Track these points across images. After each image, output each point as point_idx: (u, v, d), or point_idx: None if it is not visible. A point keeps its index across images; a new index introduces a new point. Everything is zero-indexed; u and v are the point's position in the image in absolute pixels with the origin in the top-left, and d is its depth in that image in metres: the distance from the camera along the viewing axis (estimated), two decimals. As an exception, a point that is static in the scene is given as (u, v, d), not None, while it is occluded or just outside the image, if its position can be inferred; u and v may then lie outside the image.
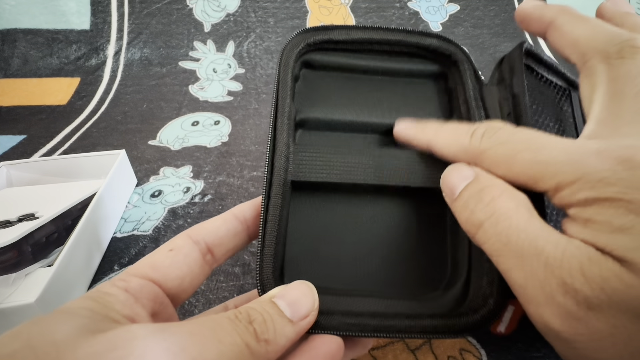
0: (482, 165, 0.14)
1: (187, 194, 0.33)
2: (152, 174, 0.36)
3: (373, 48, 0.22)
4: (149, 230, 0.29)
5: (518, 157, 0.13)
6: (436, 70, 0.22)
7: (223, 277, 0.25)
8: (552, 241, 0.12)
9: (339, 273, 0.17)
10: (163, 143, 0.42)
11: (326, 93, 0.21)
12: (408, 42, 0.22)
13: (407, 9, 0.65)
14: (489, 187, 0.14)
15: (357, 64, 0.22)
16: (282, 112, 0.19)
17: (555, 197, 0.12)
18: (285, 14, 0.62)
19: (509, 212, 0.13)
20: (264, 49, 0.61)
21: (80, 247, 0.24)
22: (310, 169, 0.18)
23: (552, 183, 0.12)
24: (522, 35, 0.65)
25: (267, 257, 0.16)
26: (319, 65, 0.22)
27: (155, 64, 0.58)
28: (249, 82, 0.56)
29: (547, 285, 0.11)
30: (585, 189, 0.11)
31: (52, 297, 0.21)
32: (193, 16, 0.61)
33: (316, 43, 0.21)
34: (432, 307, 0.16)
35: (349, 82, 0.22)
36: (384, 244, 0.18)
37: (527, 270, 0.12)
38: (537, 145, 0.13)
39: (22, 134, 0.44)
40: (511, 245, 0.12)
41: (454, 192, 0.15)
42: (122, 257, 0.27)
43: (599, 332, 0.11)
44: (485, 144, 0.14)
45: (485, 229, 0.13)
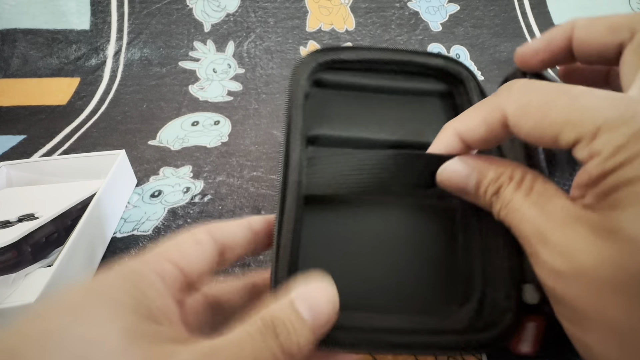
0: (512, 118, 0.14)
1: (187, 194, 0.33)
2: (152, 174, 0.36)
3: (381, 67, 0.23)
4: (148, 230, 0.29)
5: (555, 102, 0.13)
6: (443, 89, 0.23)
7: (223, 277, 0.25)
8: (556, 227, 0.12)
9: (352, 288, 0.17)
10: (163, 143, 0.42)
11: (336, 110, 0.22)
12: (415, 62, 0.22)
13: (407, 9, 0.65)
14: (495, 179, 0.14)
15: (366, 83, 0.23)
16: (295, 128, 0.19)
17: (587, 146, 0.12)
18: (285, 14, 0.62)
19: (514, 203, 0.13)
20: (264, 49, 0.61)
21: (80, 248, 0.24)
22: (323, 182, 0.18)
23: (592, 127, 0.11)
24: (523, 35, 0.66)
25: (282, 265, 0.16)
26: (328, 84, 0.22)
27: (155, 64, 0.58)
28: (248, 82, 0.56)
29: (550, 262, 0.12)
30: (627, 135, 0.11)
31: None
32: (193, 16, 0.61)
33: (327, 62, 0.22)
34: (449, 323, 0.16)
35: (357, 100, 0.23)
36: (396, 258, 0.18)
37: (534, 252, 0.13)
38: (576, 91, 0.12)
39: (22, 134, 0.44)
40: (517, 231, 0.13)
41: (467, 192, 0.16)
42: (122, 257, 0.27)
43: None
44: (517, 93, 0.14)
45: (500, 216, 0.14)
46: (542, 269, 0.12)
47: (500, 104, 0.14)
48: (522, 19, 0.67)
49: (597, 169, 0.11)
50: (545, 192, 0.13)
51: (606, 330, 0.11)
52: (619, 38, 0.14)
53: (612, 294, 0.11)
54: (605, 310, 0.11)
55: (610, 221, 0.11)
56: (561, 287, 0.12)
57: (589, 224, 0.12)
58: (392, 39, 0.63)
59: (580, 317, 0.12)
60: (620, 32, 0.14)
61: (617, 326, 0.11)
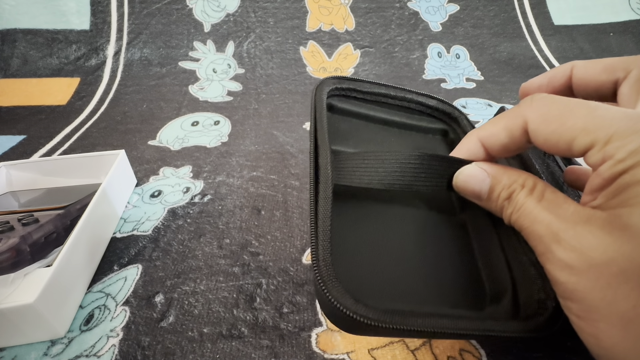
0: (532, 125, 0.15)
1: (187, 194, 0.33)
2: (151, 174, 0.36)
3: (386, 101, 0.26)
4: (148, 230, 0.29)
5: (574, 112, 0.14)
6: (439, 127, 0.26)
7: (222, 277, 0.25)
8: (566, 226, 0.13)
9: (384, 285, 0.17)
10: (163, 143, 0.42)
11: (347, 133, 0.24)
12: (416, 100, 0.26)
13: (407, 9, 0.65)
14: (509, 185, 0.16)
15: (374, 114, 0.26)
16: (322, 131, 0.20)
17: (600, 151, 0.13)
18: (285, 14, 0.62)
19: (526, 207, 0.15)
20: (264, 49, 0.61)
21: (80, 248, 0.24)
22: (351, 175, 0.19)
23: (606, 134, 0.13)
24: (522, 35, 0.66)
25: (323, 247, 0.16)
26: (338, 110, 0.25)
27: (155, 64, 0.58)
28: (248, 82, 0.56)
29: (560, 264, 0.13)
30: (638, 142, 0.12)
31: (52, 297, 0.21)
32: (193, 16, 0.61)
33: (342, 89, 0.25)
34: (490, 315, 0.16)
35: (365, 127, 0.25)
36: (419, 259, 0.19)
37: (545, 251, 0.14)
38: (592, 105, 0.14)
39: (22, 134, 0.44)
40: (529, 232, 0.14)
41: (480, 197, 0.17)
42: (122, 257, 0.27)
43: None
44: (538, 103, 0.15)
45: (511, 219, 0.15)
46: (555, 266, 0.13)
47: (522, 112, 0.16)
48: (522, 19, 0.67)
49: (609, 171, 0.13)
50: (556, 199, 0.14)
51: (616, 320, 0.12)
52: (614, 77, 0.16)
53: (622, 286, 0.12)
54: (615, 301, 0.12)
55: (620, 218, 0.12)
56: (574, 281, 0.13)
57: (599, 222, 0.13)
58: (391, 39, 0.63)
59: (590, 310, 0.13)
60: (615, 71, 0.17)
61: (626, 315, 0.12)
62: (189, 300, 0.24)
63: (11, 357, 0.21)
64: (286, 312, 0.23)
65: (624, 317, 0.12)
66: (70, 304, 0.23)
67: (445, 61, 0.62)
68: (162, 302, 0.24)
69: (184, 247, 0.28)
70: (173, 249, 0.28)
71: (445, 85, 0.57)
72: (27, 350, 0.21)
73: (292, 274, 0.25)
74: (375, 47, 0.62)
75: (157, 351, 0.21)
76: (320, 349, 0.21)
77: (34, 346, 0.21)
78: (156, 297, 0.24)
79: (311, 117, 0.22)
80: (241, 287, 0.25)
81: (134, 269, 0.26)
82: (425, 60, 0.62)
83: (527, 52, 0.64)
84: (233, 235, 0.29)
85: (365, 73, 0.60)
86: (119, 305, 0.24)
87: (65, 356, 0.21)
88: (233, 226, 0.30)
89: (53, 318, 0.21)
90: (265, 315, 0.23)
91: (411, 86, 0.57)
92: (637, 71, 0.16)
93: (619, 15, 0.67)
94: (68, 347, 0.21)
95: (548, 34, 0.66)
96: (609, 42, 0.66)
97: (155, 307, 0.23)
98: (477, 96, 0.54)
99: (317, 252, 0.16)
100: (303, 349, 0.21)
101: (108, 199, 0.29)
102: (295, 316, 0.23)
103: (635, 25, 0.67)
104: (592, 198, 0.14)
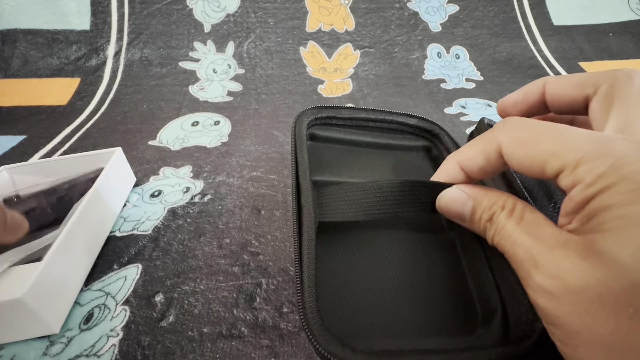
0: (506, 149, 0.16)
1: (187, 194, 0.33)
2: (152, 174, 0.36)
3: (368, 125, 0.26)
4: (148, 229, 0.29)
5: (544, 136, 0.14)
6: (422, 144, 0.27)
7: (222, 277, 0.25)
8: (542, 250, 0.13)
9: (374, 314, 0.17)
10: (163, 143, 0.42)
11: (331, 160, 0.24)
12: (396, 120, 0.26)
13: (407, 10, 0.65)
14: (489, 206, 0.16)
15: (356, 139, 0.26)
16: (303, 165, 0.21)
17: (570, 174, 0.13)
18: (285, 15, 0.62)
19: (507, 229, 0.15)
20: (264, 49, 0.61)
21: (73, 243, 0.24)
22: (335, 210, 0.19)
23: (575, 158, 0.13)
24: (522, 35, 0.66)
25: (309, 293, 0.16)
26: (321, 138, 0.26)
27: (155, 64, 0.58)
28: (248, 83, 0.56)
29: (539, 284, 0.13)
30: (605, 165, 0.12)
31: (43, 292, 0.20)
32: (193, 16, 0.61)
33: (322, 118, 0.25)
34: (480, 341, 0.16)
35: (348, 153, 0.26)
36: (409, 285, 0.19)
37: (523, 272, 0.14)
38: (560, 128, 0.14)
39: (22, 134, 0.44)
40: (511, 256, 0.15)
41: (463, 218, 0.17)
42: (122, 256, 0.27)
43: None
44: (510, 127, 0.16)
45: (494, 241, 0.15)
46: (534, 291, 0.13)
47: (495, 136, 0.16)
48: (521, 19, 0.67)
49: (580, 195, 0.13)
50: (535, 221, 0.15)
51: (595, 345, 0.12)
52: (585, 92, 0.17)
53: (599, 311, 0.12)
54: (594, 327, 0.12)
55: (594, 244, 0.12)
56: (553, 307, 0.13)
57: (575, 247, 0.13)
58: (391, 39, 0.64)
59: (571, 335, 0.13)
60: (585, 87, 0.17)
61: (604, 340, 0.12)
62: (189, 299, 0.24)
63: (10, 356, 0.21)
64: (286, 311, 0.23)
65: (604, 343, 0.12)
66: (63, 300, 0.23)
67: (445, 61, 0.62)
68: (162, 301, 0.24)
69: (184, 246, 0.28)
70: (173, 248, 0.28)
71: (444, 85, 0.57)
72: (26, 350, 0.21)
73: (292, 273, 0.25)
74: (375, 48, 0.63)
75: (157, 351, 0.21)
76: (320, 348, 0.21)
77: (33, 345, 0.21)
78: (156, 297, 0.24)
79: (291, 152, 0.22)
80: (241, 286, 0.25)
81: (133, 268, 0.26)
82: (425, 61, 0.62)
83: (526, 52, 0.64)
84: (233, 235, 0.29)
85: (365, 73, 0.60)
86: (119, 304, 0.24)
87: (65, 356, 0.21)
88: (233, 226, 0.30)
89: (45, 313, 0.21)
90: (265, 315, 0.23)
91: (411, 86, 0.57)
92: (606, 87, 0.16)
93: (618, 16, 0.67)
94: (68, 347, 0.21)
95: (547, 34, 0.66)
96: (608, 43, 0.66)
97: (155, 307, 0.23)
98: (477, 96, 0.54)
99: (302, 299, 0.16)
100: (303, 349, 0.21)
101: (104, 196, 0.29)
102: (295, 316, 0.23)
103: (634, 25, 0.67)
104: (568, 221, 0.14)
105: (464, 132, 0.44)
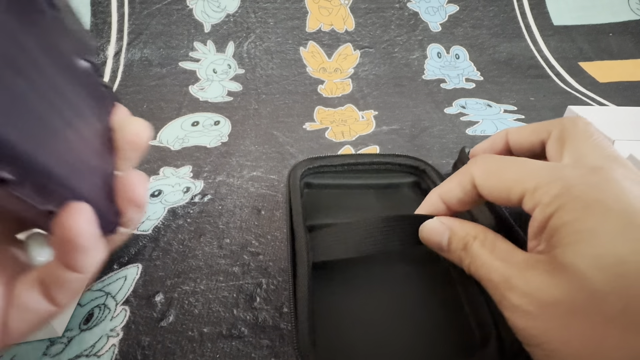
0: (478, 180, 0.17)
1: (187, 194, 0.33)
2: (152, 173, 0.36)
3: (358, 168, 0.28)
4: (148, 229, 0.29)
5: (507, 167, 0.17)
6: (411, 180, 0.29)
7: (222, 277, 0.25)
8: (512, 272, 0.15)
9: (369, 352, 0.18)
10: (163, 143, 0.42)
11: (326, 204, 0.26)
12: (384, 161, 0.28)
13: (407, 10, 0.65)
14: (463, 236, 0.17)
15: (349, 182, 0.28)
16: (297, 213, 0.22)
17: (531, 198, 0.15)
18: (285, 15, 0.62)
19: (480, 257, 0.16)
20: (264, 49, 0.61)
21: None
22: (327, 250, 0.21)
23: (533, 184, 0.15)
24: (522, 35, 0.66)
25: (303, 336, 0.17)
26: (316, 185, 0.28)
27: (155, 64, 0.58)
28: (248, 83, 0.56)
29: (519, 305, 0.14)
30: (558, 187, 0.14)
31: None
32: (193, 17, 0.61)
33: (315, 167, 0.27)
34: None
35: (342, 196, 0.28)
36: (407, 316, 0.20)
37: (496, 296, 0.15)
38: (521, 160, 0.17)
39: (22, 134, 0.44)
40: (486, 281, 0.16)
41: (442, 248, 0.18)
42: (122, 256, 0.27)
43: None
44: (481, 161, 0.18)
45: (471, 270, 0.17)
46: (512, 312, 0.14)
47: (469, 169, 0.18)
48: (521, 19, 0.67)
49: (540, 215, 0.14)
50: (506, 248, 0.16)
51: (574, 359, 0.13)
52: (540, 137, 0.19)
53: (571, 324, 0.12)
54: (569, 340, 0.13)
55: (556, 259, 0.13)
56: (530, 326, 0.14)
57: (543, 266, 0.14)
58: (391, 39, 0.64)
59: (550, 353, 0.13)
60: (540, 133, 0.19)
61: (579, 354, 0.12)
62: (189, 299, 0.24)
63: (10, 356, 0.21)
64: (286, 311, 0.23)
65: (579, 356, 0.12)
66: (70, 303, 0.23)
67: (444, 61, 0.62)
68: (162, 301, 0.24)
69: (184, 246, 0.28)
70: (173, 248, 0.28)
71: (444, 85, 0.57)
72: (26, 350, 0.21)
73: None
74: (375, 48, 0.63)
75: (157, 351, 0.21)
76: (320, 348, 0.21)
77: (33, 345, 0.21)
78: (156, 297, 0.24)
79: (285, 202, 0.24)
80: (241, 286, 0.25)
81: (134, 268, 0.26)
82: (425, 61, 0.62)
83: (526, 52, 0.64)
84: (233, 235, 0.29)
85: (365, 73, 0.60)
86: (119, 304, 0.24)
87: (65, 356, 0.21)
88: (233, 226, 0.30)
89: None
90: (265, 315, 0.23)
91: (411, 86, 0.57)
92: (556, 131, 0.18)
93: (618, 16, 0.68)
94: (68, 347, 0.21)
95: (547, 34, 0.66)
96: (608, 43, 0.66)
97: (155, 307, 0.23)
98: (477, 96, 0.54)
99: (299, 345, 0.16)
100: (303, 349, 0.21)
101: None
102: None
103: (634, 25, 0.67)
104: (536, 243, 0.15)
105: (464, 132, 0.44)
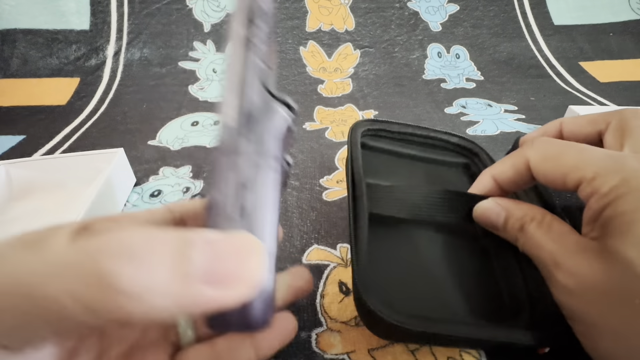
0: (533, 163, 0.18)
1: (187, 194, 0.33)
2: (151, 173, 0.36)
3: (413, 139, 0.29)
4: (148, 230, 0.29)
5: (566, 152, 0.17)
6: (461, 161, 0.29)
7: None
8: (563, 251, 0.16)
9: (412, 296, 0.19)
10: (163, 143, 0.42)
11: (378, 167, 0.27)
12: (439, 137, 0.29)
13: (407, 9, 0.65)
14: (520, 217, 0.18)
15: (403, 151, 0.29)
16: (357, 166, 0.23)
17: (588, 185, 0.15)
18: (284, 14, 0.62)
19: (535, 238, 0.17)
20: (264, 49, 0.61)
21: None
22: (385, 205, 0.22)
23: (591, 172, 0.15)
24: (522, 35, 0.66)
25: (362, 267, 0.18)
26: (371, 147, 0.28)
27: (154, 64, 0.58)
28: (248, 82, 0.56)
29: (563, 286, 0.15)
30: (617, 178, 0.15)
31: None
32: (193, 16, 0.61)
33: (374, 130, 0.28)
34: (510, 327, 0.17)
35: (395, 162, 0.28)
36: (445, 279, 0.21)
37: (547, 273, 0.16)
38: (580, 146, 0.17)
39: (22, 134, 0.44)
40: (537, 259, 0.17)
41: (497, 227, 0.19)
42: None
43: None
44: (538, 145, 0.18)
45: (525, 248, 0.18)
46: (557, 289, 0.16)
47: (525, 152, 0.19)
48: (521, 19, 0.67)
49: (597, 204, 0.15)
50: (561, 230, 0.17)
51: (609, 335, 0.14)
52: (598, 128, 0.20)
53: (610, 304, 0.14)
54: (607, 318, 0.14)
55: (608, 247, 0.14)
56: (573, 303, 0.15)
57: (593, 251, 0.15)
58: (391, 39, 0.63)
59: (589, 328, 0.15)
60: (598, 123, 0.20)
61: (616, 330, 0.14)
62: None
63: None
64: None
65: (616, 332, 0.14)
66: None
67: (445, 61, 0.62)
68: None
69: (184, 247, 0.28)
70: (173, 249, 0.28)
71: (445, 85, 0.57)
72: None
73: (292, 273, 0.25)
74: (375, 47, 0.63)
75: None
76: (320, 349, 0.21)
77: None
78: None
79: (348, 154, 0.25)
80: (241, 287, 0.25)
81: (133, 269, 0.26)
82: (425, 60, 0.62)
83: (526, 52, 0.64)
84: (233, 235, 0.29)
85: (365, 73, 0.60)
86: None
87: (64, 356, 0.21)
88: (233, 226, 0.30)
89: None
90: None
91: (411, 86, 0.57)
92: (616, 122, 0.19)
93: (618, 15, 0.67)
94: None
95: (548, 34, 0.66)
96: (608, 42, 0.66)
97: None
98: (477, 96, 0.54)
99: (357, 271, 0.18)
100: (303, 349, 0.21)
101: (106, 197, 0.29)
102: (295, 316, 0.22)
103: (634, 25, 0.67)
104: (590, 229, 0.16)
105: (464, 132, 0.44)
